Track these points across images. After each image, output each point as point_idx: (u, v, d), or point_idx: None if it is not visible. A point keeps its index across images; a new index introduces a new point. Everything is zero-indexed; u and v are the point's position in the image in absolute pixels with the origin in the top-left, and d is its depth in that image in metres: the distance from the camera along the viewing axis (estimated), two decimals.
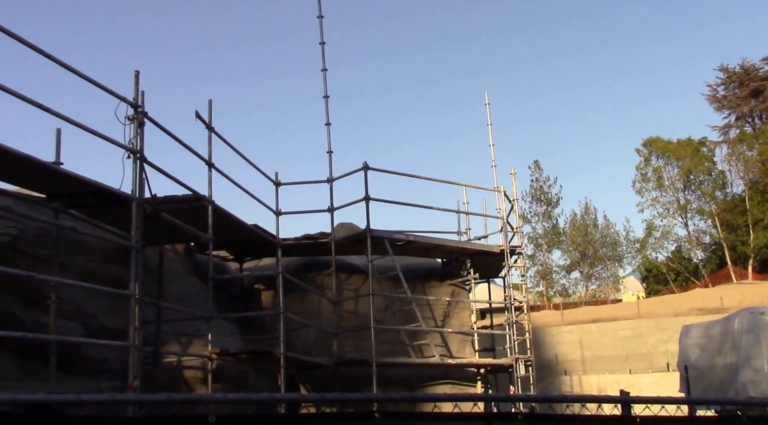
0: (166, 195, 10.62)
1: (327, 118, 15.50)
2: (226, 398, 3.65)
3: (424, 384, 15.28)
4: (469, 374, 15.95)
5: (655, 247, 58.75)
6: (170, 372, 10.96)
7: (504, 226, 16.62)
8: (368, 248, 14.07)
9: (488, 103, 17.69)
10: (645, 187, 58.86)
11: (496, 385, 17.36)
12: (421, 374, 15.21)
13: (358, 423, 3.90)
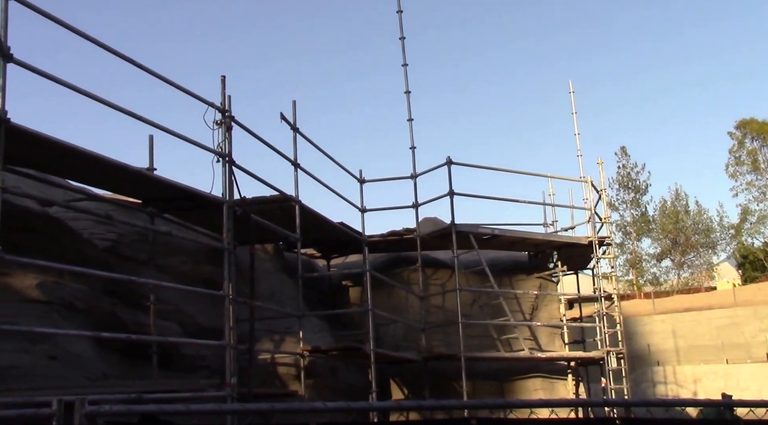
0: (254, 196, 10.88)
1: (409, 114, 15.55)
2: (325, 407, 3.68)
3: (513, 378, 15.12)
4: (560, 367, 15.67)
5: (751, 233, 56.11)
6: (264, 369, 11.23)
7: (592, 217, 16.21)
8: (453, 243, 14.00)
9: (572, 91, 17.27)
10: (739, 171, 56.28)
11: (587, 378, 16.98)
12: (511, 368, 15.04)
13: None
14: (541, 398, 14.57)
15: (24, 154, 7.45)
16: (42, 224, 8.62)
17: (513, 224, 16.03)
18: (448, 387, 14.07)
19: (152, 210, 9.88)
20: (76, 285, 8.81)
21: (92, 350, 8.84)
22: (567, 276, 17.67)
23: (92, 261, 9.00)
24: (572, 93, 17.38)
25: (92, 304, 9.06)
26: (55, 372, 8.20)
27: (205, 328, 10.61)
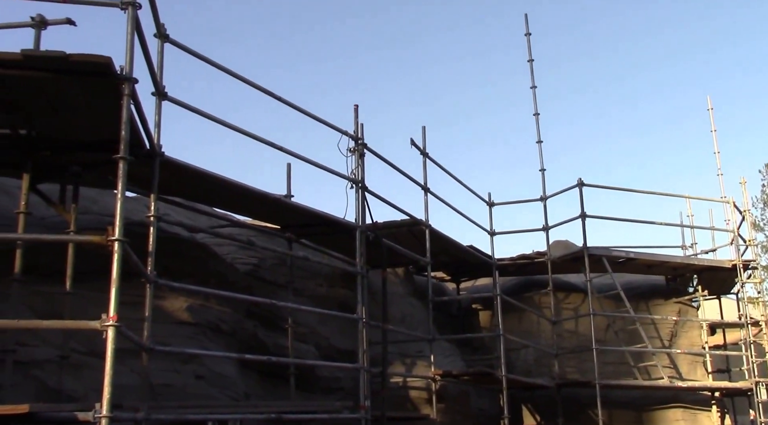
0: (386, 221, 11.06)
1: (538, 136, 15.35)
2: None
3: (652, 408, 14.43)
4: (702, 398, 14.79)
5: None
6: (396, 392, 11.30)
7: (735, 239, 15.32)
8: (586, 266, 13.61)
9: (711, 108, 16.44)
10: None
11: (733, 410, 15.93)
12: (649, 397, 14.36)
13: None
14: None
15: (174, 184, 7.94)
16: (190, 250, 9.12)
17: (649, 247, 15.43)
18: (583, 416, 13.61)
19: (290, 235, 10.25)
20: (221, 308, 9.24)
21: (235, 371, 9.23)
22: (708, 302, 16.73)
23: (235, 285, 9.43)
24: (711, 110, 16.54)
25: (236, 327, 9.47)
26: (202, 391, 8.62)
27: (339, 350, 10.85)
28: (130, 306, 6.40)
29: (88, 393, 7.08)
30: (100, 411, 5.33)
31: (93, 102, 6.08)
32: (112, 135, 5.94)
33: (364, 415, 8.84)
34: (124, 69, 5.80)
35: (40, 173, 7.23)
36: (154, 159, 6.85)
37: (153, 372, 7.32)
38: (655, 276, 15.97)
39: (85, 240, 6.05)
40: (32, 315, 7.28)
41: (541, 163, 15.14)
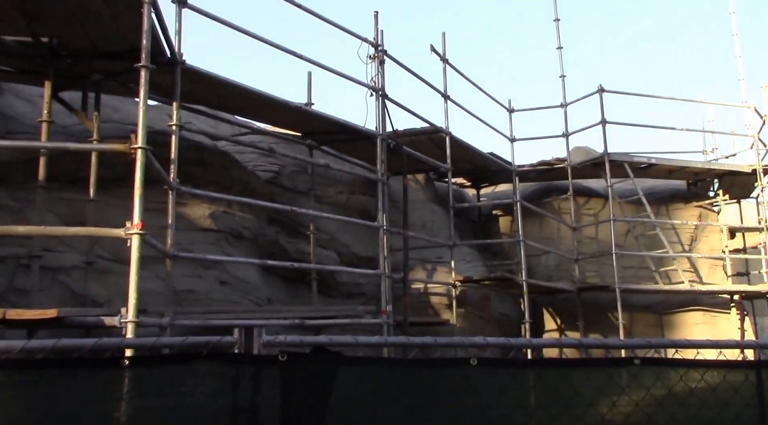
0: (406, 128, 10.99)
1: (558, 42, 14.95)
2: (486, 342, 3.76)
3: (672, 311, 14.59)
4: (722, 300, 14.93)
5: None
6: (417, 298, 11.52)
7: (755, 143, 15.08)
8: (607, 172, 13.52)
9: (733, 12, 15.84)
10: None
11: (753, 312, 16.09)
12: (668, 301, 14.52)
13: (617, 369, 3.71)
14: (703, 333, 14.06)
15: (196, 92, 7.89)
16: (212, 157, 9.16)
17: (670, 152, 15.25)
18: (603, 319, 13.83)
19: (311, 143, 10.23)
20: (244, 215, 9.36)
21: (258, 276, 9.44)
22: (729, 205, 16.65)
23: (257, 192, 9.51)
24: (733, 13, 15.95)
25: (258, 233, 9.61)
26: (225, 297, 8.85)
27: (360, 257, 11.01)
28: (154, 212, 6.49)
29: (113, 299, 7.30)
30: (126, 316, 5.50)
31: (114, 11, 5.99)
32: (134, 44, 5.90)
33: (386, 320, 9.05)
34: None
35: (62, 81, 7.22)
36: (176, 67, 6.80)
37: (177, 278, 7.51)
38: (676, 181, 15.86)
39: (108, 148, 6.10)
40: (58, 222, 7.42)
41: (562, 70, 14.82)
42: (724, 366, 3.85)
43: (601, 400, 3.80)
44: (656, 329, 14.21)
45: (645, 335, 13.61)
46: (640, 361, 3.66)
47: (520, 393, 3.65)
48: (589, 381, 3.65)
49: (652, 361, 3.78)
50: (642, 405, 3.70)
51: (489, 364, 3.62)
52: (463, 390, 3.58)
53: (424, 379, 3.51)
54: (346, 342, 3.65)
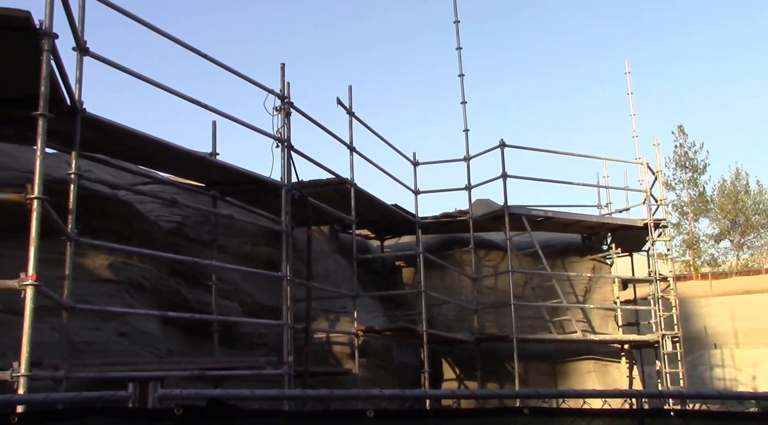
0: (311, 179, 11.17)
1: (463, 97, 15.60)
2: (381, 394, 3.88)
3: (566, 360, 15.17)
4: (613, 350, 15.64)
5: None
6: (320, 347, 11.56)
7: (647, 199, 16.07)
8: (506, 225, 14.08)
9: (628, 72, 17.02)
10: None
11: (641, 361, 16.91)
12: (563, 350, 15.10)
13: (507, 419, 3.86)
14: (595, 381, 14.64)
15: (96, 141, 7.81)
16: (113, 207, 9.01)
17: (566, 206, 16.02)
18: (500, 368, 14.22)
19: (215, 193, 10.23)
20: (144, 266, 9.21)
21: (158, 328, 9.27)
22: (621, 258, 17.57)
23: (159, 242, 9.41)
24: (628, 73, 17.13)
25: (158, 284, 9.47)
26: (124, 349, 8.63)
27: (264, 307, 10.99)
28: (51, 263, 6.35)
29: (6, 352, 7.01)
30: (18, 370, 5.33)
31: (12, 57, 5.92)
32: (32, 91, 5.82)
33: (287, 371, 9.05)
34: (44, 23, 5.67)
35: None
36: (75, 115, 6.74)
37: (74, 330, 7.31)
38: (571, 234, 16.63)
39: (3, 198, 5.95)
40: None
41: (465, 124, 15.44)
42: (608, 415, 4.01)
43: None
44: (550, 377, 14.72)
45: (540, 383, 14.07)
46: (529, 411, 3.88)
47: None
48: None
49: (541, 411, 3.99)
50: None
51: (385, 416, 3.69)
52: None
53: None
54: (242, 396, 3.70)
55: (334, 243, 13.55)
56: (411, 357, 13.48)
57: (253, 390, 3.70)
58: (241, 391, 3.90)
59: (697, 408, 5.11)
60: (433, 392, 4.15)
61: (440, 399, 5.71)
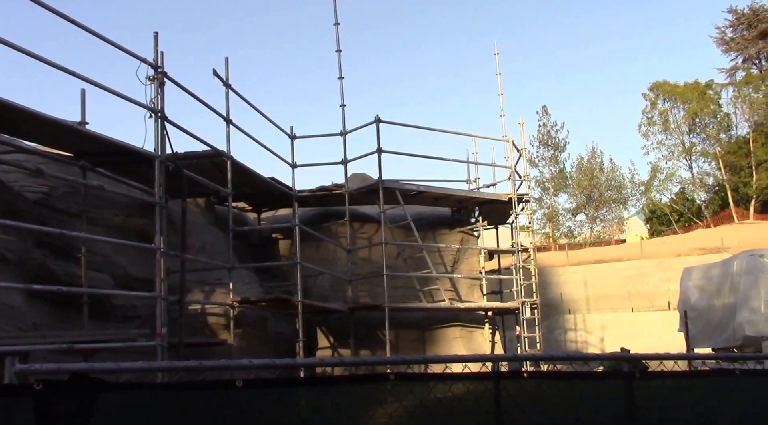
0: (187, 151, 11.03)
1: (340, 72, 15.77)
2: (252, 364, 3.82)
3: (434, 327, 15.91)
4: (478, 317, 16.55)
5: (660, 189, 59.30)
6: (195, 319, 11.54)
7: (512, 175, 16.97)
8: (380, 198, 14.49)
9: (497, 53, 17.80)
10: (651, 131, 59.11)
11: (503, 326, 17.98)
12: (432, 317, 15.81)
13: (374, 385, 4.06)
14: (461, 346, 15.46)
15: None
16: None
17: (437, 181, 16.67)
18: (373, 336, 14.73)
19: (84, 164, 9.90)
20: (7, 238, 8.84)
21: (23, 301, 8.94)
22: (487, 231, 18.50)
23: (24, 213, 9.03)
24: (497, 54, 17.92)
25: (23, 256, 9.12)
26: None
27: (137, 279, 10.81)
28: None
29: None
30: None
31: None
32: None
33: (160, 342, 9.02)
34: None
35: None
36: None
37: None
38: (441, 207, 17.33)
39: None
40: None
41: (342, 99, 15.66)
42: (467, 378, 4.30)
43: (360, 414, 4.19)
44: (420, 344, 15.43)
45: (410, 350, 14.73)
46: (395, 377, 4.11)
47: (286, 412, 3.87)
48: (350, 396, 4.00)
49: (406, 377, 4.25)
50: (395, 417, 4.15)
51: (255, 385, 3.71)
52: (230, 412, 3.67)
53: (191, 402, 3.58)
54: (107, 369, 3.59)
55: (210, 216, 13.45)
56: (286, 327, 13.71)
57: (119, 363, 3.55)
58: (106, 364, 3.63)
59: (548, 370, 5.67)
60: (303, 361, 4.25)
61: (312, 367, 5.86)
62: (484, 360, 5.60)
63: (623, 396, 4.49)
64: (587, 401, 4.52)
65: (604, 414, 4.58)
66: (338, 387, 4.13)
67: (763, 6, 62.93)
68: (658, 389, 4.67)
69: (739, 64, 65.95)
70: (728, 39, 65.55)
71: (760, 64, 65.76)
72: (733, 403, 4.73)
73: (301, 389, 4.09)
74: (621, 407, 4.51)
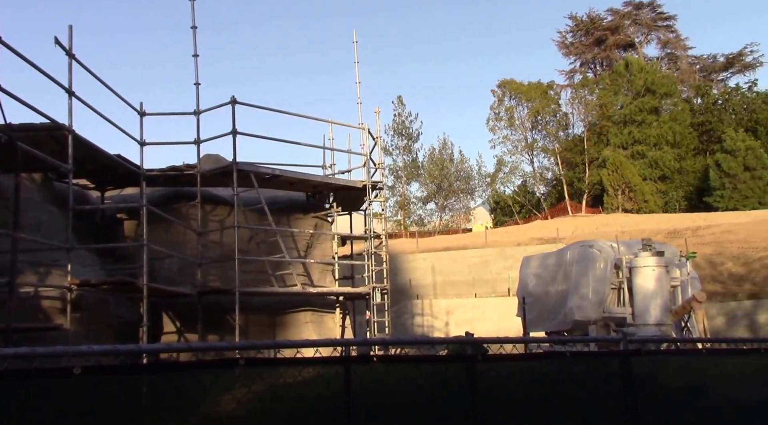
0: (22, 123, 10.26)
1: (195, 50, 15.20)
2: (91, 350, 3.70)
3: (285, 311, 15.85)
4: (329, 301, 16.67)
5: (504, 182, 62.75)
6: (27, 302, 10.79)
7: (367, 162, 17.20)
8: (234, 181, 14.19)
9: (356, 41, 17.90)
10: (497, 126, 62.30)
11: (353, 311, 18.24)
12: (284, 302, 15.74)
13: (222, 371, 3.97)
14: (311, 331, 15.52)
15: None
16: None
17: (293, 165, 16.57)
18: (222, 321, 14.45)
19: None
20: None
21: None
22: (341, 216, 18.66)
23: None
24: (356, 43, 18.03)
25: None
26: None
27: None
28: None
29: None
30: None
31: None
32: None
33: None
34: None
35: None
36: None
37: None
38: (297, 192, 17.26)
39: None
40: None
41: (197, 77, 15.13)
42: (318, 363, 4.33)
43: (207, 400, 4.09)
44: (270, 329, 15.33)
45: (260, 335, 14.59)
46: (245, 362, 4.02)
47: (128, 401, 3.71)
48: (196, 382, 3.87)
49: (256, 361, 4.19)
50: (243, 402, 4.09)
51: (95, 372, 3.53)
52: (67, 402, 3.48)
53: (23, 392, 3.38)
54: None
55: (47, 193, 12.57)
56: (130, 312, 13.13)
57: None
58: None
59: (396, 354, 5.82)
60: (147, 346, 4.05)
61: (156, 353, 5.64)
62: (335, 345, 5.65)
63: (466, 378, 4.70)
64: (434, 384, 4.70)
65: (450, 395, 4.78)
66: (185, 373, 3.99)
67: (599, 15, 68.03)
68: (499, 371, 4.93)
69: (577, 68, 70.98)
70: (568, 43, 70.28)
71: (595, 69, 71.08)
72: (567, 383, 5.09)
73: (146, 376, 3.91)
74: (465, 389, 4.72)
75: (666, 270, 16.77)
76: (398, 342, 5.42)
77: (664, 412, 5.39)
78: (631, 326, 15.91)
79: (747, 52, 68.67)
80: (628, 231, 37.52)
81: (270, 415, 4.30)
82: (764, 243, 33.83)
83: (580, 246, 19.11)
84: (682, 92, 65.44)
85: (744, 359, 5.92)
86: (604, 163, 56.12)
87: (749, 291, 29.07)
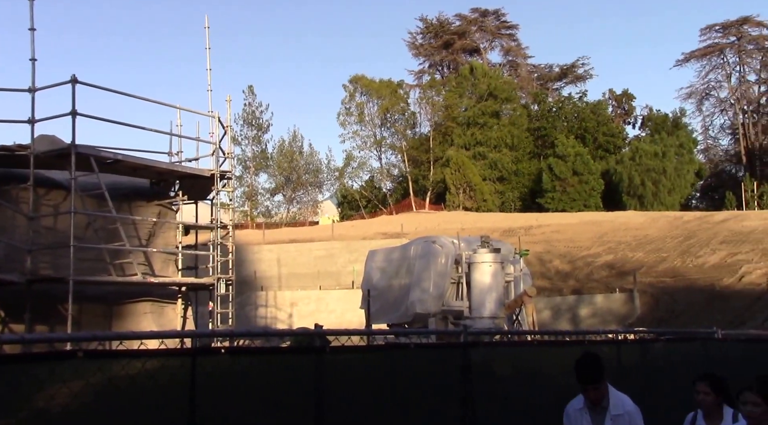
0: None
1: (32, 23, 14.17)
2: None
3: (123, 302, 15.25)
4: (170, 292, 16.22)
5: (352, 176, 63.73)
6: None
7: (216, 151, 16.88)
8: (72, 164, 13.43)
9: (208, 27, 17.47)
10: (348, 121, 63.05)
11: (196, 302, 17.85)
12: (122, 292, 15.13)
13: (57, 363, 3.77)
14: (151, 322, 15.05)
15: None
16: None
17: (138, 151, 15.94)
18: (53, 311, 13.66)
19: None
20: None
21: None
22: (187, 205, 18.18)
23: None
24: (207, 28, 17.61)
25: None
26: None
27: None
28: None
29: None
30: None
31: None
32: None
33: None
34: None
35: None
36: None
37: None
38: (140, 178, 16.61)
39: None
40: None
41: (33, 52, 14.13)
42: (163, 355, 4.24)
43: (40, 395, 3.90)
44: (106, 319, 14.71)
45: (95, 325, 13.94)
46: (84, 354, 3.85)
47: None
48: (27, 376, 3.71)
49: (96, 354, 4.04)
50: (80, 396, 3.94)
51: None
52: None
53: None
54: None
55: None
56: None
57: None
58: None
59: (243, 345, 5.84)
60: None
61: None
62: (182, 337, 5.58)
63: (314, 369, 4.83)
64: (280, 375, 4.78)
65: (297, 386, 4.88)
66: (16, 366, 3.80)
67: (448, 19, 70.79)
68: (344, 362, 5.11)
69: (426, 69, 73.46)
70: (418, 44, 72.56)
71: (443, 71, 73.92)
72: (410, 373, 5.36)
73: None
74: (311, 380, 4.84)
75: (501, 267, 17.88)
76: (247, 334, 5.45)
77: (498, 399, 5.83)
78: (468, 319, 16.81)
79: (579, 64, 74.36)
80: (468, 228, 39.39)
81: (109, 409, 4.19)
82: (588, 242, 36.82)
83: (424, 241, 19.91)
84: (521, 98, 69.59)
85: (567, 350, 6.53)
86: (448, 162, 58.45)
87: (573, 286, 31.57)
